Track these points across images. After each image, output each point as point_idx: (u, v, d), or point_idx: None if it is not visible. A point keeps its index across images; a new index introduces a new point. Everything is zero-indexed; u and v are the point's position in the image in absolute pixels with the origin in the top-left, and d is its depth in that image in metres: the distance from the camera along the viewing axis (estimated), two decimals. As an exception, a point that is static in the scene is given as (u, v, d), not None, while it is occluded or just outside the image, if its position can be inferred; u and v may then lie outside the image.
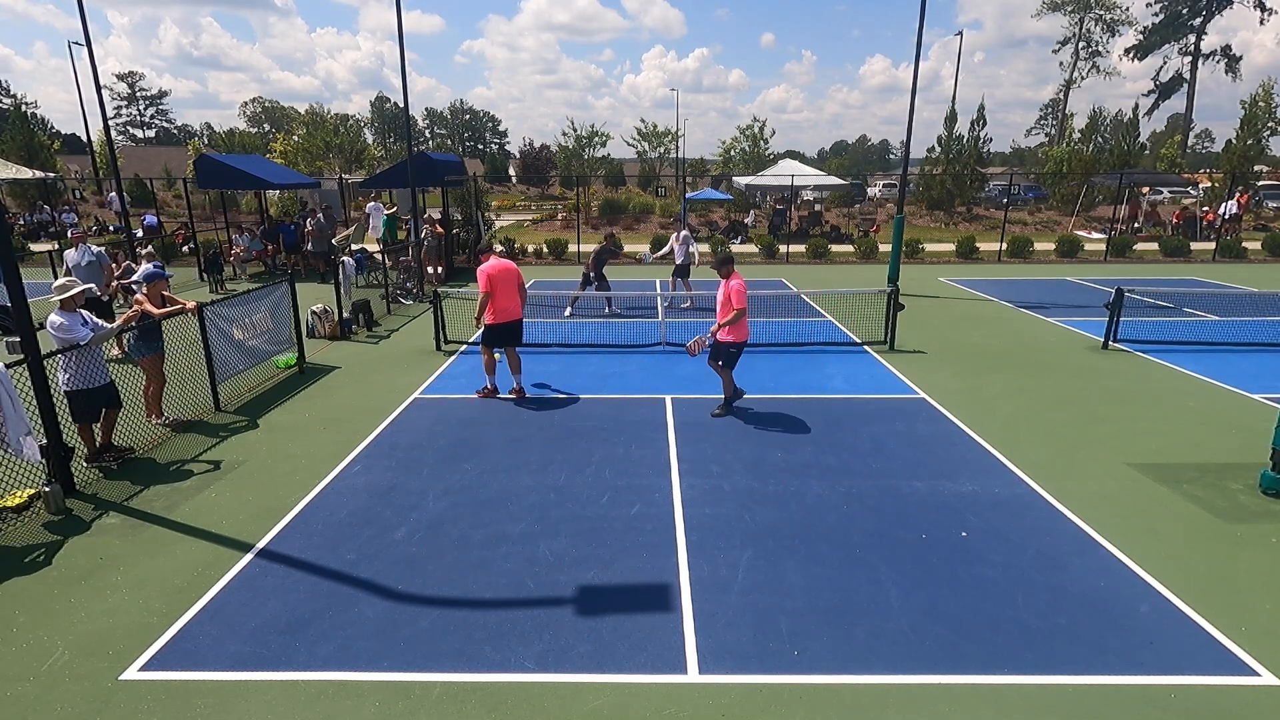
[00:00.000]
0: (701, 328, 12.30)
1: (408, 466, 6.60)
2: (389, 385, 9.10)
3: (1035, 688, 3.77)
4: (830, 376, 9.45)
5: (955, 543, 5.22)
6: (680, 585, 4.70)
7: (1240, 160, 28.54)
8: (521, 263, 21.63)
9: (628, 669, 3.92)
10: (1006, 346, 11.06)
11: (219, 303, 8.47)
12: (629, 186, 46.18)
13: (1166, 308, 13.89)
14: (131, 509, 5.82)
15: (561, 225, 29.45)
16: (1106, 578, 4.77)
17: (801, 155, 52.61)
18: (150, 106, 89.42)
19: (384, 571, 4.87)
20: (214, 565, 4.96)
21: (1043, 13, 63.87)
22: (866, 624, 4.29)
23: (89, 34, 14.71)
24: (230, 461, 6.76)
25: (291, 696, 3.72)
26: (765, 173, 31.35)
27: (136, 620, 4.36)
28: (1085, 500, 5.85)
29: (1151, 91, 63.22)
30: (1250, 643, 4.11)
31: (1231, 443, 7.08)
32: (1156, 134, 66.11)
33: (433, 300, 11.01)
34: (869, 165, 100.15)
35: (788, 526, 5.46)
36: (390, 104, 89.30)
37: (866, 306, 12.69)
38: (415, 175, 16.07)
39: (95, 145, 37.11)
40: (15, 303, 5.78)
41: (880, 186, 43.70)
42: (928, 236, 25.27)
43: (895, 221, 14.61)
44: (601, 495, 5.98)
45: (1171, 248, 22.00)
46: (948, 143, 32.26)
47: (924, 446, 7.03)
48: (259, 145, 48.17)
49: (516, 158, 67.67)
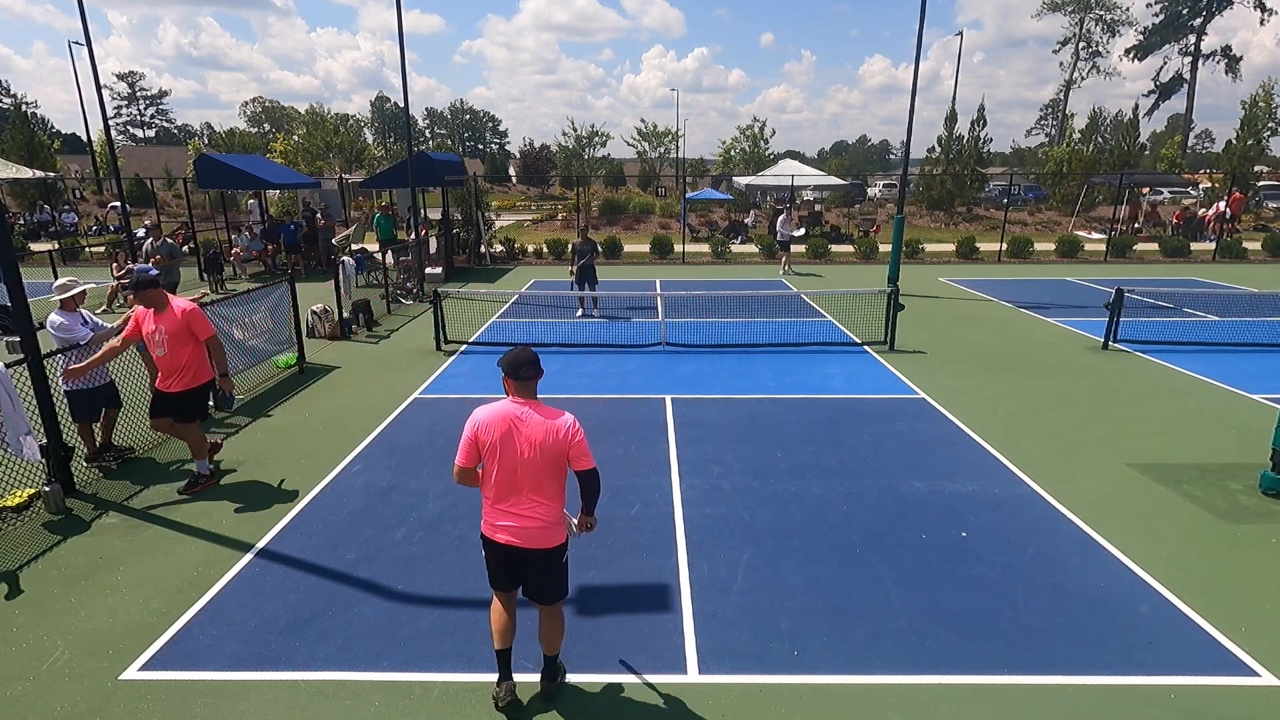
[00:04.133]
0: (703, 327, 12.42)
1: (408, 466, 6.60)
2: (389, 385, 9.09)
3: (1035, 688, 3.77)
4: (830, 376, 9.45)
5: (955, 543, 5.22)
6: (680, 585, 4.70)
7: (1240, 161, 28.53)
8: (521, 263, 21.67)
9: (628, 669, 3.92)
10: (1006, 347, 11.06)
11: (219, 303, 8.47)
12: (629, 187, 46.20)
13: (1166, 308, 13.89)
14: (131, 509, 5.82)
15: (562, 225, 29.46)
16: (1106, 578, 4.77)
17: (801, 155, 52.67)
18: (150, 106, 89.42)
19: (384, 571, 4.87)
20: (214, 565, 4.96)
21: (1043, 13, 63.93)
22: (866, 624, 4.29)
23: (89, 34, 14.71)
24: (230, 461, 6.75)
25: (291, 696, 3.72)
26: (765, 173, 31.39)
27: (136, 620, 4.35)
28: (1085, 500, 5.85)
29: (1151, 92, 63.23)
30: (1250, 643, 4.11)
31: (1231, 443, 7.08)
32: (1156, 134, 66.18)
33: (433, 300, 11.01)
34: (869, 165, 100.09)
35: (788, 526, 5.46)
36: (390, 104, 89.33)
37: (866, 306, 12.69)
38: (415, 175, 16.08)
39: (95, 145, 37.20)
40: (15, 303, 5.78)
41: (880, 186, 43.70)
42: (928, 237, 25.27)
43: (895, 222, 14.60)
44: (601, 495, 5.96)
45: (1171, 248, 22.01)
46: (948, 143, 32.27)
47: (924, 446, 7.03)
48: (259, 145, 48.18)
49: (516, 158, 67.69)
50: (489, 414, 3.39)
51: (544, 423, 3.37)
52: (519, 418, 3.36)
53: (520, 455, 3.36)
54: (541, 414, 3.39)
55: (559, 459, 3.40)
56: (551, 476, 3.42)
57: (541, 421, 3.36)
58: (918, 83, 14.04)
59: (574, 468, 3.42)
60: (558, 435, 3.35)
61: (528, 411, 3.38)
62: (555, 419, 3.40)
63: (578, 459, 3.41)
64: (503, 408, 3.39)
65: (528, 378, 3.40)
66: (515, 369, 3.38)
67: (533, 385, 3.44)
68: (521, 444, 3.35)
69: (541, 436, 3.34)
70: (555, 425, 3.37)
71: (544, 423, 3.37)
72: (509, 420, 3.36)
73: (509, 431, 3.35)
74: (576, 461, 3.40)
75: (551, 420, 3.38)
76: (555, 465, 3.41)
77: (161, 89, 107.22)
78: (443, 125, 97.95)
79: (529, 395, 3.43)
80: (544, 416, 3.38)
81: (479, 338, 11.66)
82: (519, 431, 3.35)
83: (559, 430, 3.36)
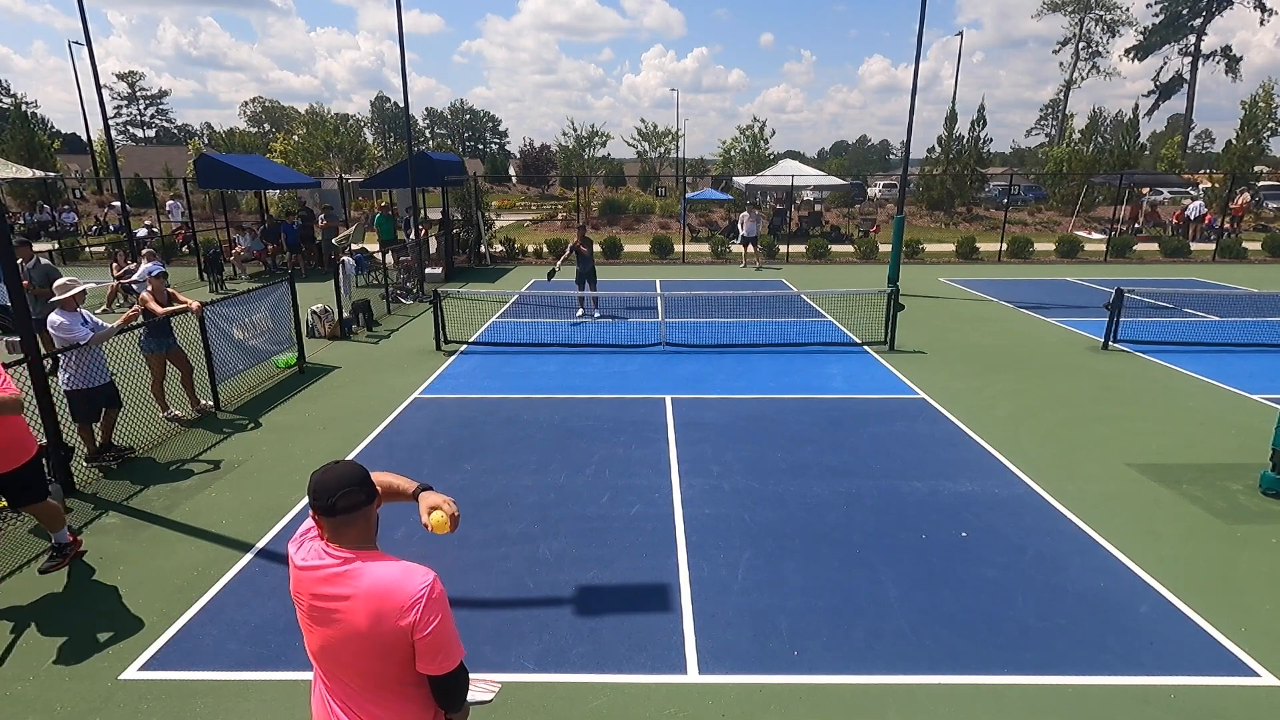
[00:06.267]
0: (703, 327, 12.40)
1: (408, 466, 6.60)
2: (389, 385, 9.09)
3: (1035, 688, 3.77)
4: (830, 376, 9.45)
5: (955, 543, 5.22)
6: (680, 585, 4.70)
7: (1240, 161, 28.52)
8: (521, 263, 21.66)
9: (628, 669, 3.92)
10: (1006, 347, 11.06)
11: (219, 302, 8.47)
12: (629, 187, 46.19)
13: (1166, 308, 13.89)
14: (131, 509, 5.82)
15: (562, 225, 29.45)
16: (1106, 578, 4.77)
17: (801, 155, 52.68)
18: (150, 106, 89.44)
19: (384, 571, 4.86)
20: (214, 565, 4.96)
21: (1043, 13, 64.03)
22: (866, 624, 4.29)
23: (89, 33, 14.73)
24: (230, 461, 6.75)
25: (291, 696, 3.72)
26: (765, 173, 31.38)
27: (136, 620, 4.36)
28: (1085, 500, 5.85)
29: (1151, 92, 63.29)
30: (1250, 643, 4.11)
31: (1231, 443, 7.08)
32: (1156, 134, 66.17)
33: (433, 300, 11.02)
34: (869, 165, 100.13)
35: (788, 526, 5.46)
36: (390, 104, 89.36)
37: (866, 306, 12.69)
38: (415, 175, 16.08)
39: (95, 145, 37.19)
40: (15, 303, 5.78)
41: (880, 187, 43.71)
42: (928, 237, 25.27)
43: (895, 222, 14.60)
44: (601, 495, 5.98)
45: (1171, 248, 22.01)
46: (948, 143, 32.28)
47: (924, 447, 7.03)
48: (259, 145, 48.17)
49: (516, 158, 67.71)
50: (294, 564, 2.05)
51: (368, 594, 1.91)
52: (332, 589, 1.94)
53: (328, 649, 1.99)
54: (371, 583, 1.92)
55: (395, 653, 1.93)
56: (388, 684, 1.99)
57: (367, 594, 1.91)
58: (918, 83, 14.06)
59: (421, 669, 1.96)
60: (390, 618, 1.89)
61: (350, 576, 1.93)
62: (391, 588, 1.91)
63: (427, 655, 1.93)
64: (303, 562, 2.02)
65: (350, 508, 1.95)
66: (324, 497, 1.95)
67: (361, 521, 1.99)
68: (333, 633, 1.95)
69: (365, 621, 1.90)
70: (389, 600, 1.90)
71: (368, 594, 1.91)
72: (309, 587, 1.98)
73: (311, 610, 1.98)
74: (424, 660, 1.94)
75: (386, 592, 1.91)
76: (389, 664, 1.95)
77: (161, 89, 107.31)
78: (443, 125, 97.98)
79: (354, 544, 1.98)
80: (373, 585, 1.91)
81: (479, 338, 11.66)
82: (328, 613, 1.95)
83: (395, 606, 1.89)
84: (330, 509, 1.94)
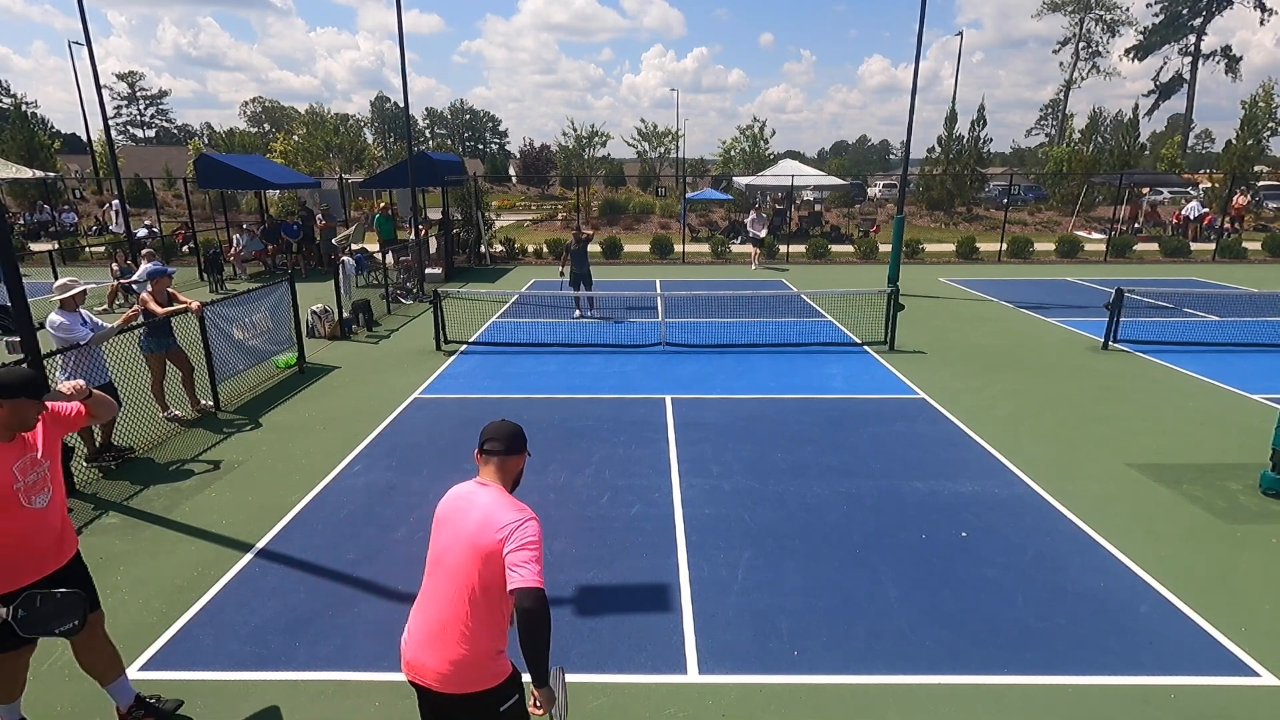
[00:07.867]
0: (703, 328, 12.41)
1: (408, 466, 6.60)
2: (389, 385, 9.09)
3: (1035, 688, 3.77)
4: (830, 376, 9.45)
5: (955, 543, 5.22)
6: (680, 585, 4.70)
7: (1240, 161, 28.53)
8: (521, 263, 21.67)
9: (628, 669, 3.92)
10: (1006, 347, 11.06)
11: (219, 303, 8.47)
12: (629, 187, 46.18)
13: (1166, 308, 13.90)
14: (131, 509, 5.82)
15: (562, 225, 29.45)
16: (1106, 578, 4.77)
17: (801, 155, 52.67)
18: (150, 106, 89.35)
19: (384, 571, 4.87)
20: (214, 565, 4.96)
21: (1043, 13, 64.00)
22: (866, 624, 4.29)
23: (89, 33, 14.73)
24: (230, 461, 6.76)
25: (291, 696, 3.72)
26: (765, 173, 31.36)
27: (136, 620, 4.35)
28: (1085, 500, 5.85)
29: (1151, 92, 63.31)
30: (1250, 643, 4.11)
31: (1231, 443, 7.08)
32: (1156, 134, 66.04)
33: (433, 300, 11.02)
34: (869, 165, 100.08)
35: (788, 526, 5.46)
36: (390, 104, 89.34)
37: (866, 306, 12.69)
38: (415, 175, 16.08)
39: (95, 145, 37.17)
40: (15, 303, 5.78)
41: (880, 187, 43.70)
42: (928, 237, 25.28)
43: (895, 222, 14.61)
44: (601, 495, 5.98)
45: (1171, 248, 22.02)
46: (948, 143, 32.28)
47: (924, 447, 7.03)
48: (259, 145, 48.16)
49: (516, 158, 67.70)
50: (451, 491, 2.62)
51: (484, 509, 2.41)
52: (465, 499, 2.51)
53: (444, 550, 2.47)
54: (489, 501, 2.45)
55: (488, 566, 2.33)
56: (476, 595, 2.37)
57: (483, 508, 2.42)
58: (918, 83, 14.06)
59: (509, 586, 2.29)
60: (490, 530, 2.34)
61: (478, 492, 2.51)
62: (499, 509, 2.40)
63: (511, 569, 2.28)
64: (460, 486, 2.60)
65: (492, 452, 2.55)
66: (481, 440, 2.60)
67: (497, 463, 2.55)
68: (448, 534, 2.47)
69: (473, 529, 2.38)
70: (493, 517, 2.37)
71: (484, 509, 2.41)
72: (454, 501, 2.55)
73: (446, 517, 2.52)
74: (508, 574, 2.29)
75: (494, 510, 2.40)
76: (483, 576, 2.35)
77: (161, 89, 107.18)
78: (443, 125, 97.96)
79: (492, 477, 2.54)
80: (489, 503, 2.43)
81: (479, 338, 11.66)
82: (453, 519, 2.48)
83: (495, 524, 2.35)
84: (485, 450, 2.57)
